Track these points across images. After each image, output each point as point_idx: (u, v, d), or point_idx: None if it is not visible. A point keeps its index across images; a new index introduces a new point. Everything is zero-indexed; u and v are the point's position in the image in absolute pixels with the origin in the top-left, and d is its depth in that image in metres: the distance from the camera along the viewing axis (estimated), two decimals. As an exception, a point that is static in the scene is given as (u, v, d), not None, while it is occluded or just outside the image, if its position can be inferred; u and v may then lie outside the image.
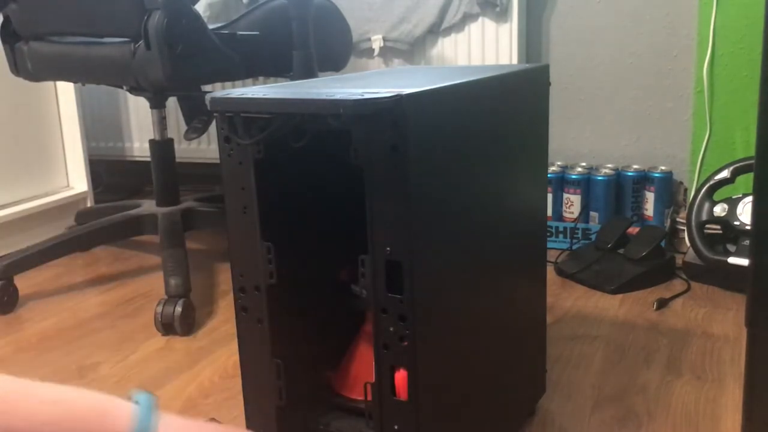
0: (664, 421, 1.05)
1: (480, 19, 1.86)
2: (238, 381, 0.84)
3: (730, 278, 1.51)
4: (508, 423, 0.99)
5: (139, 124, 2.37)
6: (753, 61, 1.69)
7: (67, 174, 2.15)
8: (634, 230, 1.68)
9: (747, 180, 1.57)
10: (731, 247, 1.50)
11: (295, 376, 0.82)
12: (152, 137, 1.79)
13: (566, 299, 1.52)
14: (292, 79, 1.53)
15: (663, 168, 1.80)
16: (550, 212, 1.86)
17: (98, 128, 2.42)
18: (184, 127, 1.88)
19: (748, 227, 1.46)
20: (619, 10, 1.82)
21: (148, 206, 1.81)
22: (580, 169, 1.84)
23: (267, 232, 0.77)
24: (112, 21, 1.42)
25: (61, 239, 1.69)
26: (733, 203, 1.52)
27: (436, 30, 1.91)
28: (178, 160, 1.83)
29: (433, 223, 0.72)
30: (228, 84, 2.09)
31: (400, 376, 0.72)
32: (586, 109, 1.91)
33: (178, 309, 1.40)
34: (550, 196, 1.85)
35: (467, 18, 1.88)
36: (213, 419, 1.00)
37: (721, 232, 1.54)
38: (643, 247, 1.60)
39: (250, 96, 0.70)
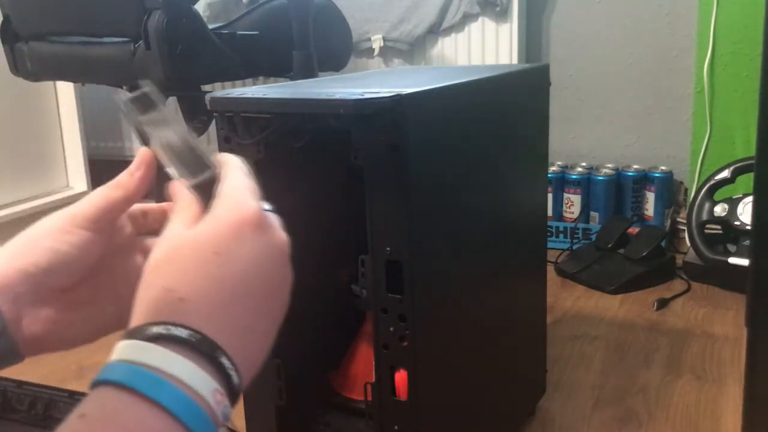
0: (664, 421, 1.05)
1: (480, 19, 1.86)
2: (238, 381, 0.83)
3: (730, 278, 1.51)
4: (508, 423, 0.99)
5: (139, 124, 2.37)
6: (753, 61, 1.69)
7: (66, 174, 2.15)
8: (634, 230, 1.68)
9: (747, 180, 1.57)
10: (731, 247, 1.50)
11: (295, 376, 0.82)
12: (152, 137, 1.79)
13: (566, 299, 1.52)
14: (292, 79, 1.53)
15: (663, 168, 1.80)
16: (550, 212, 1.86)
17: (98, 128, 2.42)
18: (184, 127, 1.88)
19: (749, 227, 1.46)
20: (619, 10, 1.82)
21: (148, 206, 1.81)
22: (580, 169, 1.84)
23: (267, 232, 0.77)
24: (112, 21, 1.42)
25: (61, 239, 1.69)
26: (733, 203, 1.52)
27: (436, 30, 1.91)
28: (178, 160, 1.83)
29: (433, 223, 0.72)
30: (228, 84, 2.09)
31: (400, 376, 0.72)
32: (586, 109, 1.91)
33: (178, 309, 1.39)
34: (550, 196, 1.85)
35: (467, 18, 1.87)
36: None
37: (721, 232, 1.54)
38: (643, 247, 1.60)
39: (250, 96, 0.70)
